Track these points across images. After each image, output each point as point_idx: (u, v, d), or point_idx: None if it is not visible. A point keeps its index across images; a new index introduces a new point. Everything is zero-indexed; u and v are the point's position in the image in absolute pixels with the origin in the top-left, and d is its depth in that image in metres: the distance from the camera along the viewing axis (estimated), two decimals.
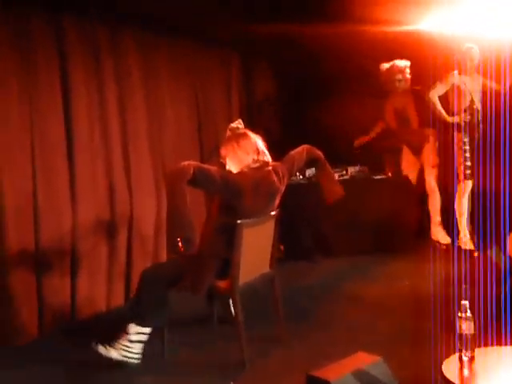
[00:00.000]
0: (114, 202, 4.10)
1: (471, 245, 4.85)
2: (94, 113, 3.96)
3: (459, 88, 4.84)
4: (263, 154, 3.05)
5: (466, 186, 4.88)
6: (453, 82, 4.86)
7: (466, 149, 4.81)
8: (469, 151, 4.81)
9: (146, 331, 2.93)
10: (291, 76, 6.04)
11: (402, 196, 5.26)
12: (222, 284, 2.95)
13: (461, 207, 4.93)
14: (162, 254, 4.46)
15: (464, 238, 4.90)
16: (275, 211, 3.13)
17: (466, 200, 4.91)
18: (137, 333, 2.91)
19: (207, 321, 3.55)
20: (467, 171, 4.82)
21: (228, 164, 3.06)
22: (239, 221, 2.83)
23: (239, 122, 3.23)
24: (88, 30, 3.90)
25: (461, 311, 1.99)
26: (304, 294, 4.14)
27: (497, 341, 2.41)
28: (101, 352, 2.90)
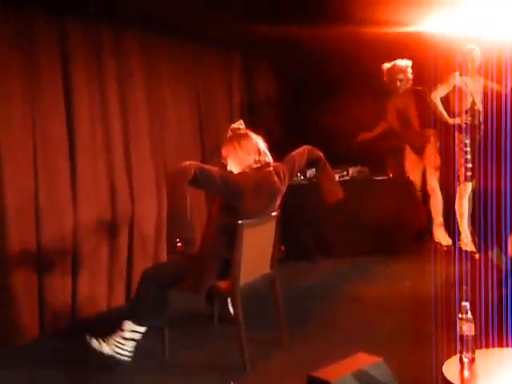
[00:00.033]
0: (116, 202, 4.11)
1: (472, 246, 4.84)
2: (96, 113, 3.97)
3: (460, 89, 4.83)
4: (264, 155, 3.05)
5: (467, 188, 4.87)
6: (454, 84, 4.85)
7: (467, 150, 4.80)
8: (470, 153, 4.81)
9: (141, 330, 2.94)
10: (292, 76, 6.04)
11: (403, 197, 5.25)
12: (223, 284, 2.95)
13: (461, 209, 4.92)
14: (163, 254, 4.46)
15: (465, 240, 4.89)
16: (276, 212, 3.13)
17: (467, 201, 4.90)
18: (131, 331, 2.92)
19: (208, 321, 3.55)
20: (468, 173, 4.82)
21: (229, 164, 3.07)
22: (240, 221, 2.84)
23: (240, 123, 3.23)
24: (90, 31, 3.91)
25: (461, 313, 1.99)
26: (304, 295, 4.14)
27: (497, 342, 2.41)
28: (94, 346, 2.91)
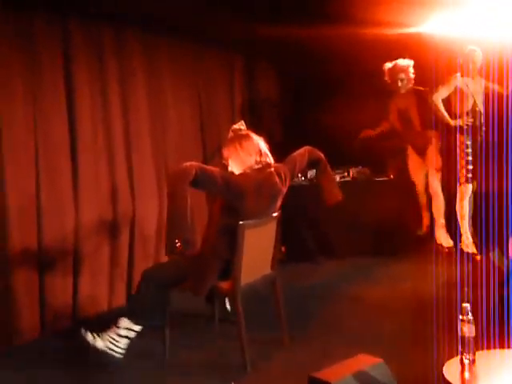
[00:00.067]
0: (117, 203, 4.12)
1: (473, 248, 4.83)
2: (98, 113, 3.98)
3: (462, 90, 4.82)
4: (265, 156, 3.05)
5: (467, 189, 4.86)
6: (455, 85, 4.84)
7: (469, 152, 4.79)
8: (471, 154, 4.80)
9: (136, 329, 2.94)
10: (293, 76, 6.04)
11: (405, 197, 5.25)
12: (224, 285, 2.95)
13: (462, 210, 4.91)
14: (164, 255, 4.46)
15: (466, 241, 4.89)
16: (277, 212, 3.13)
17: (467, 203, 4.89)
18: (126, 328, 2.93)
19: (208, 321, 3.56)
20: (468, 174, 4.81)
21: (230, 165, 3.07)
22: (241, 222, 2.84)
23: (241, 124, 3.24)
24: (92, 32, 3.92)
25: (462, 314, 1.99)
26: (305, 295, 4.14)
27: (498, 344, 2.41)
28: (88, 340, 2.92)
